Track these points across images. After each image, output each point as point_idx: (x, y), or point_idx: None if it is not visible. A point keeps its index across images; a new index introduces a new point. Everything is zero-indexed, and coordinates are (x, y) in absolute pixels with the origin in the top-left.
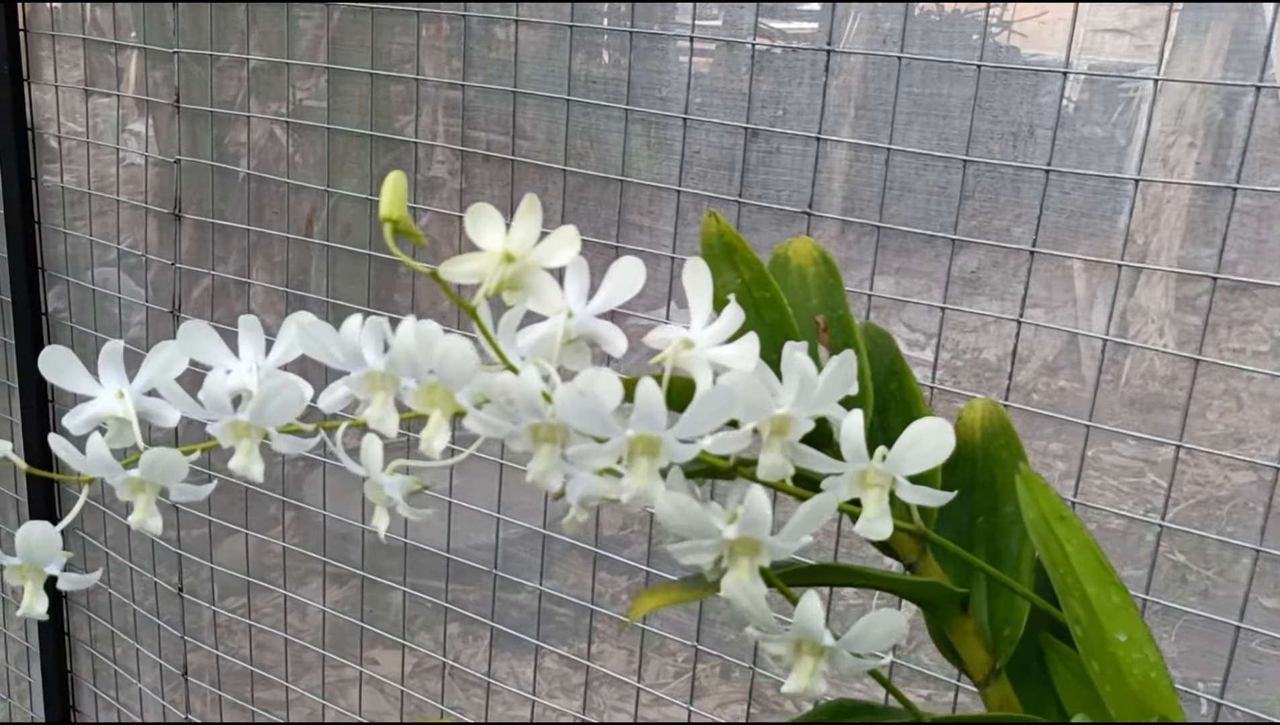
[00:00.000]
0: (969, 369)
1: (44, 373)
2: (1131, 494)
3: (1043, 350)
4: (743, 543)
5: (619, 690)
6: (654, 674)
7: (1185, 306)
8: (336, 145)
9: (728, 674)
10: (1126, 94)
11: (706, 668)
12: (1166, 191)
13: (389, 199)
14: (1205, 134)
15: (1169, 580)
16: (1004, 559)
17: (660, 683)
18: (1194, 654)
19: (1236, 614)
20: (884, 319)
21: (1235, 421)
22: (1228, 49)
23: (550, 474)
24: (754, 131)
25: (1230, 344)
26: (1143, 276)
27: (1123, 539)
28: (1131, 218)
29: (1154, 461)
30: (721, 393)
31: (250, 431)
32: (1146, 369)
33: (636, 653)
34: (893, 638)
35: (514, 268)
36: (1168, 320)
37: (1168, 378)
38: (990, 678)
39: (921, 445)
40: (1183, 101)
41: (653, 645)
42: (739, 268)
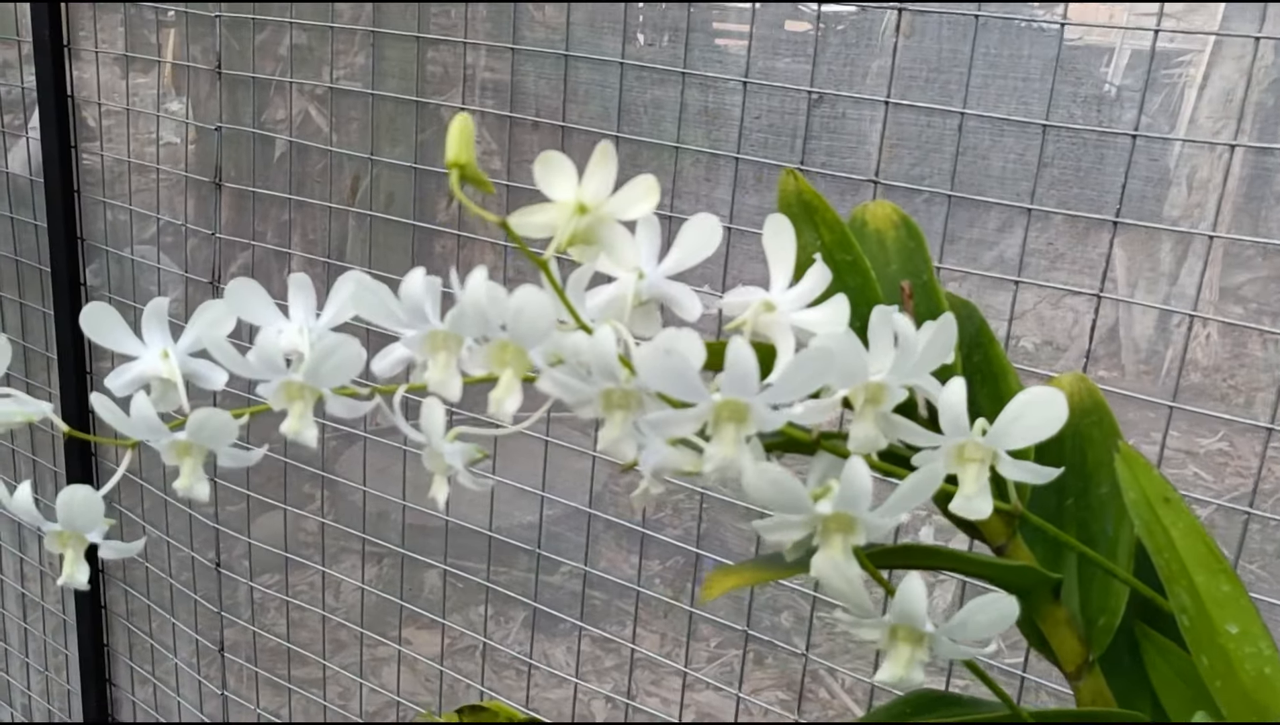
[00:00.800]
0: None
1: (86, 331)
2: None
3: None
4: (837, 519)
5: (652, 673)
6: (685, 659)
7: (1229, 296)
8: (379, 116)
9: (761, 660)
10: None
11: (739, 653)
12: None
13: (456, 143)
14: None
15: None
16: (1098, 543)
17: (693, 666)
18: None
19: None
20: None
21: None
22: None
23: (623, 442)
24: (818, 96)
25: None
26: (1185, 266)
27: None
28: (1221, 192)
29: (1195, 453)
30: (818, 355)
31: (304, 393)
32: (1189, 358)
33: (669, 636)
34: (1002, 624)
35: (587, 220)
36: (1212, 307)
37: (1210, 368)
38: (1083, 670)
39: (1028, 418)
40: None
41: (686, 629)
42: (819, 229)
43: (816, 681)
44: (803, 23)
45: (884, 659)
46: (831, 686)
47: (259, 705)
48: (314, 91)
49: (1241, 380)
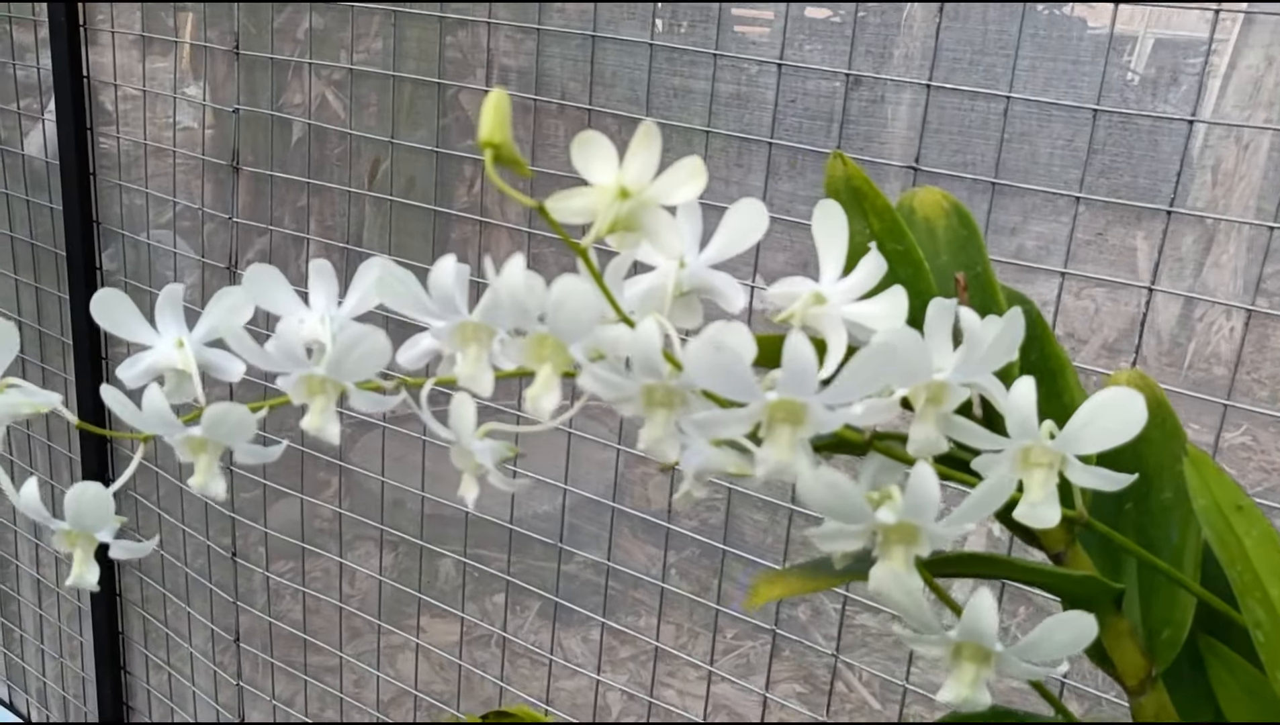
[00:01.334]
0: None
1: (97, 318)
2: None
3: (1103, 331)
4: (899, 529)
5: (668, 664)
6: (703, 649)
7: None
8: (401, 96)
9: (778, 651)
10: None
11: (757, 645)
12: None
13: (491, 120)
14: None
15: None
16: (1160, 551)
17: (709, 659)
18: None
19: None
20: None
21: None
22: None
23: (666, 442)
24: (856, 79)
25: None
26: (1210, 257)
27: None
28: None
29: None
30: (882, 352)
31: (326, 387)
32: (1212, 352)
33: (685, 628)
34: (1079, 644)
35: (629, 205)
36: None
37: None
38: (1145, 685)
39: (1105, 420)
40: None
41: (703, 621)
42: (868, 217)
43: (834, 676)
44: (823, 9)
45: (948, 677)
46: (849, 680)
47: (274, 693)
48: (331, 76)
49: (1266, 373)
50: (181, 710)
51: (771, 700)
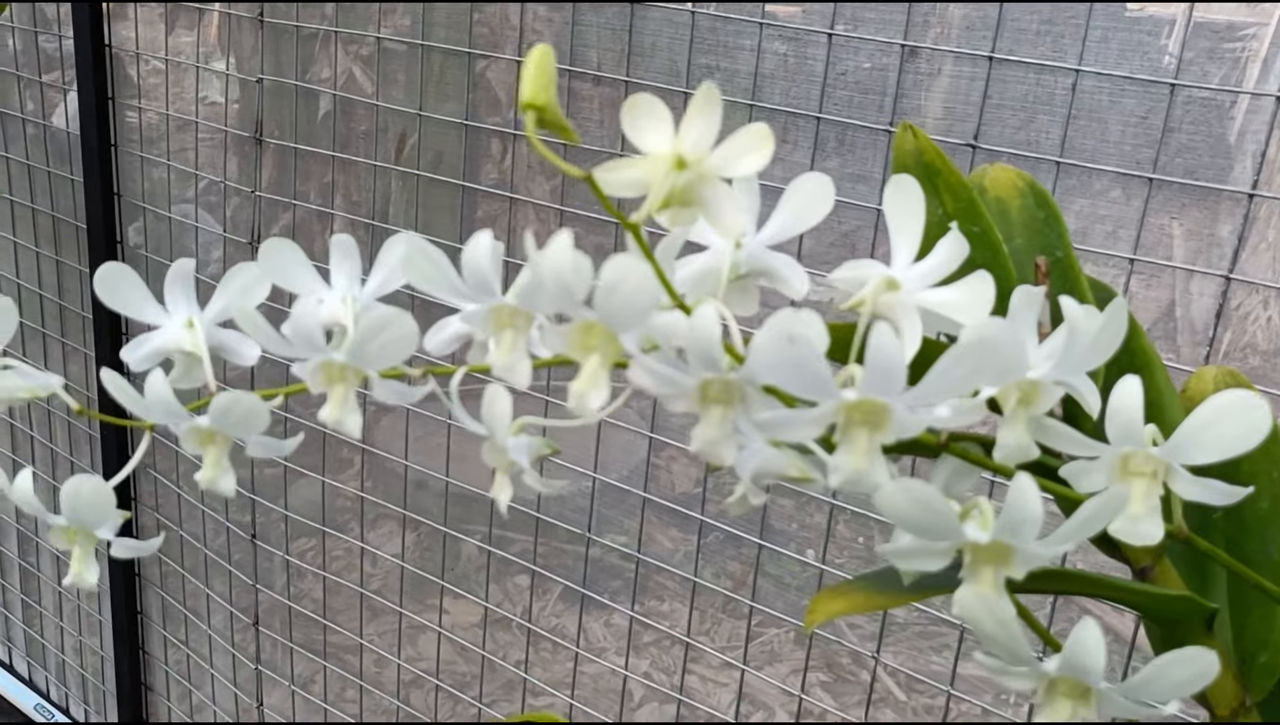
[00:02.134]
0: None
1: (99, 294)
2: None
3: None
4: (991, 548)
5: (691, 650)
6: (726, 636)
7: None
8: (429, 69)
9: (802, 639)
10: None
11: (780, 633)
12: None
13: (535, 79)
14: None
15: None
16: (1256, 566)
17: (732, 645)
18: None
19: None
20: None
21: None
22: None
23: (722, 444)
24: (912, 50)
25: None
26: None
27: None
28: None
29: None
30: (980, 348)
31: (346, 374)
32: (1248, 342)
33: (708, 613)
34: (1199, 684)
35: (686, 176)
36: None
37: (1270, 352)
38: (1239, 713)
39: (1222, 427)
40: None
41: (728, 607)
42: (941, 195)
43: (858, 663)
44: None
45: (1039, 714)
46: (869, 665)
47: (292, 675)
48: (359, 51)
49: None
50: (199, 690)
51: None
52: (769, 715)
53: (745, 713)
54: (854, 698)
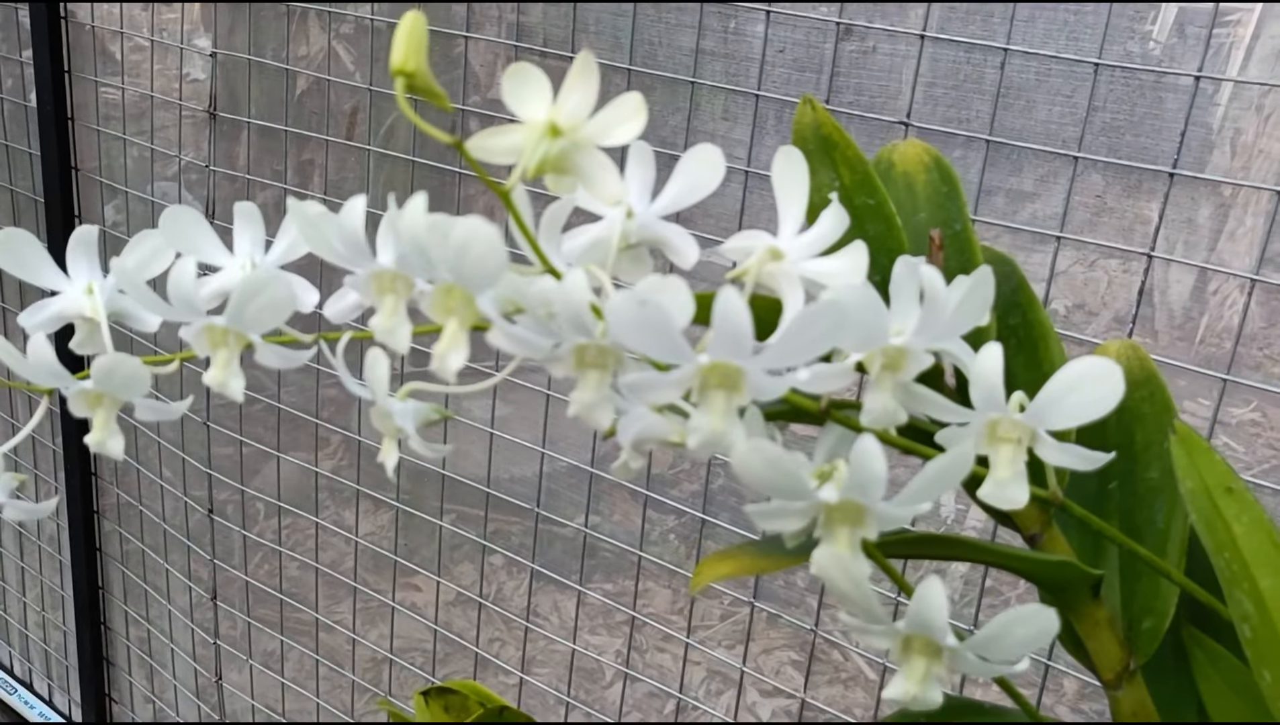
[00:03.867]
0: None
1: (1, 263)
2: None
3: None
4: (844, 508)
5: (662, 630)
6: (699, 615)
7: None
8: (380, 45)
9: (775, 619)
10: (1217, 39)
11: (756, 612)
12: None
13: (405, 45)
14: None
15: None
16: (1145, 536)
17: (705, 624)
18: None
19: None
20: None
21: None
22: None
23: (598, 408)
24: (847, 28)
25: None
26: (1225, 231)
27: None
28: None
29: (1226, 423)
30: (829, 311)
31: (229, 338)
32: (1225, 326)
33: (682, 592)
34: (1040, 641)
35: (561, 144)
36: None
37: (1247, 337)
38: (1123, 678)
39: (1080, 393)
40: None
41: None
42: (838, 167)
43: (830, 644)
44: None
45: (897, 672)
46: (845, 649)
47: (251, 652)
48: (339, 30)
49: (1277, 349)
50: (160, 667)
51: (765, 670)
52: (740, 693)
53: (716, 690)
54: (825, 676)
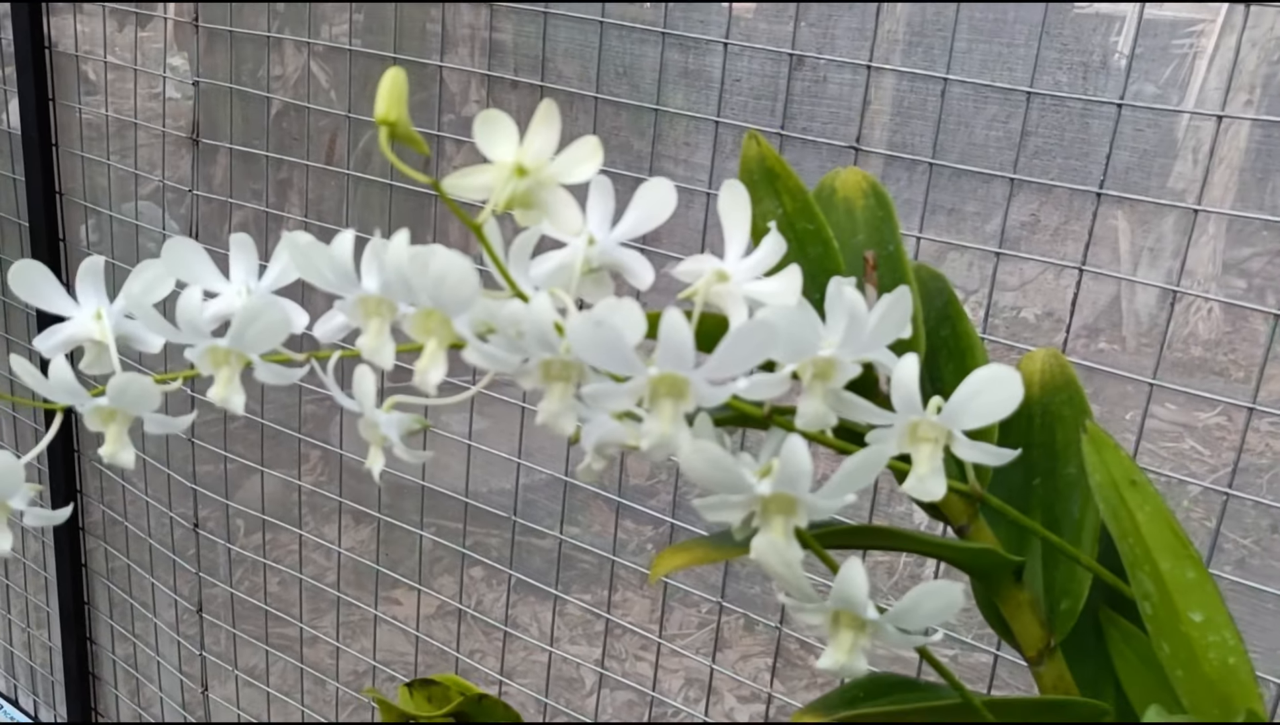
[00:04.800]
0: (1007, 328)
1: (15, 288)
2: (1170, 459)
3: (1082, 311)
4: (777, 500)
5: (640, 639)
6: (677, 624)
7: (1232, 270)
8: (359, 69)
9: (751, 626)
10: (1180, 49)
11: (730, 619)
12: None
13: (387, 98)
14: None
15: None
16: (1063, 526)
17: (683, 633)
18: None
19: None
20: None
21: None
22: None
23: (563, 416)
24: (799, 59)
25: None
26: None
27: None
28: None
29: (1193, 426)
30: (760, 328)
31: (230, 358)
32: (1190, 332)
33: (659, 602)
34: (947, 613)
35: (527, 182)
36: (1214, 283)
37: (1211, 342)
38: (1044, 654)
39: (986, 396)
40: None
41: (676, 595)
42: (780, 196)
43: (805, 649)
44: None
45: (827, 645)
46: (819, 652)
47: (237, 663)
48: (300, 39)
49: (1242, 354)
50: (147, 680)
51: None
52: (718, 700)
53: (695, 697)
54: (801, 682)
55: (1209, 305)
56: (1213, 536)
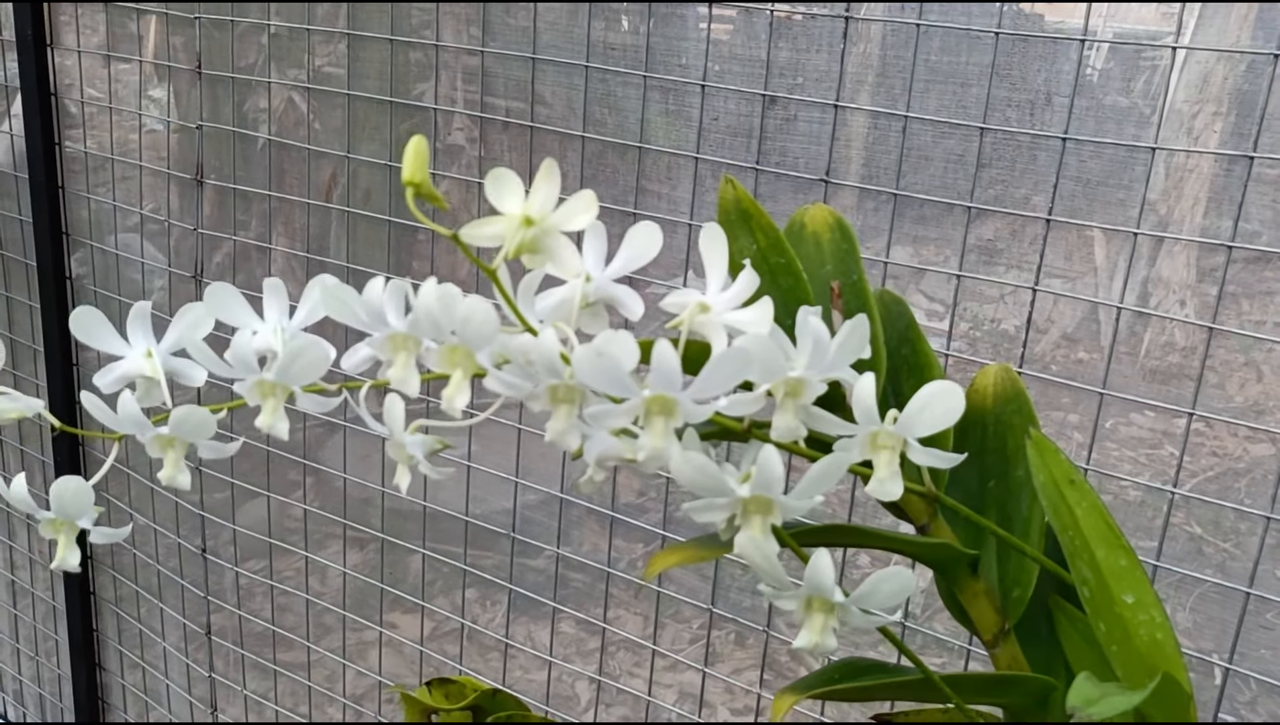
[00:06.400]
0: (988, 339)
1: (75, 333)
2: (1149, 465)
3: (1062, 321)
4: (756, 501)
5: (635, 655)
6: (669, 640)
7: (1207, 278)
8: (356, 111)
9: (743, 640)
10: (1150, 62)
11: (721, 634)
12: (1189, 161)
13: (411, 163)
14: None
15: (1185, 552)
16: (1014, 522)
17: (676, 648)
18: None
19: (1251, 584)
20: (903, 288)
21: (1255, 393)
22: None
23: (568, 434)
24: (771, 99)
25: (1252, 316)
26: (1164, 247)
27: (1140, 510)
28: (1148, 187)
29: (1172, 433)
30: (736, 354)
31: (276, 390)
32: (1166, 340)
33: (652, 618)
34: (902, 594)
35: (533, 231)
36: (1189, 291)
37: (1187, 349)
38: (999, 638)
39: (932, 408)
40: (1208, 71)
41: (669, 612)
42: (755, 234)
43: (796, 660)
44: (783, 6)
45: (801, 627)
46: (810, 664)
47: (245, 687)
48: (295, 84)
49: (1218, 361)
50: (156, 703)
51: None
52: (711, 714)
53: (690, 710)
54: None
55: (1185, 312)
56: (1160, 533)
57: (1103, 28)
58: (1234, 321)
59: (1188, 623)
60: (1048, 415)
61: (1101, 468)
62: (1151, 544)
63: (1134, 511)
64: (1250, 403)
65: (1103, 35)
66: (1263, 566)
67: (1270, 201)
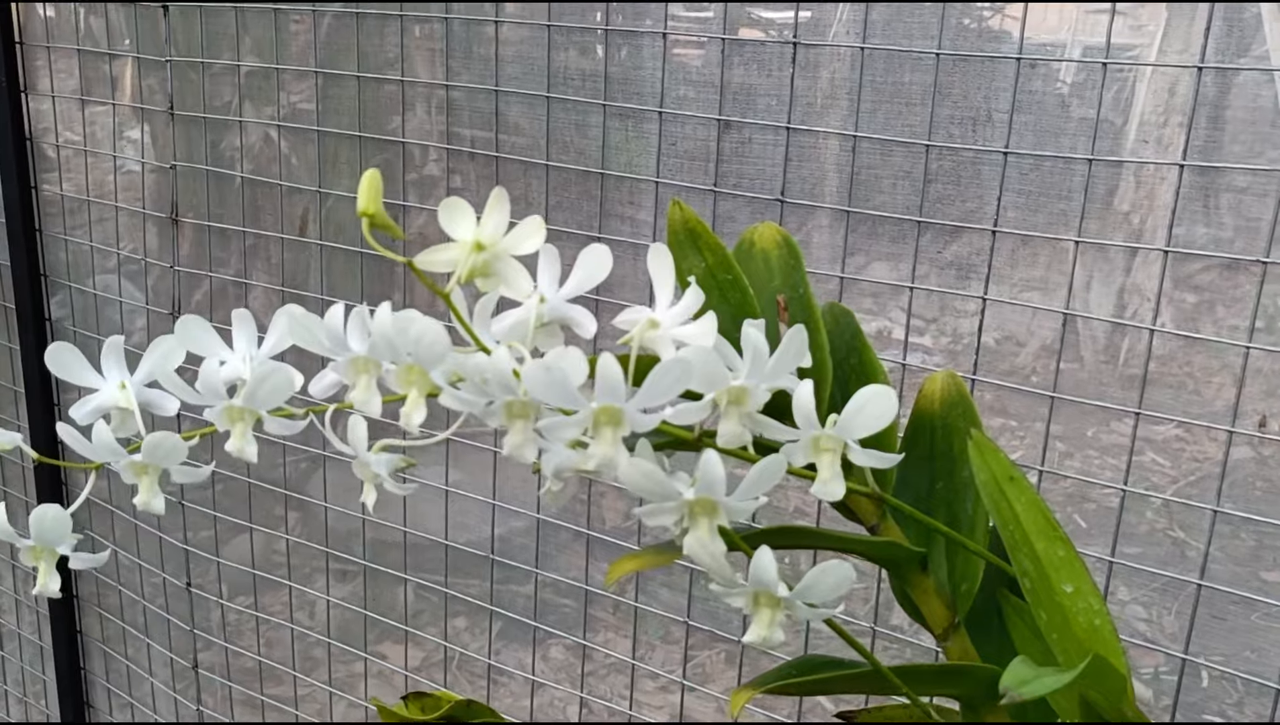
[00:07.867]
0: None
1: (51, 368)
2: (1132, 473)
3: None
4: (701, 503)
5: (624, 677)
6: (659, 662)
7: (1184, 285)
8: (328, 147)
9: (732, 660)
10: (1121, 74)
11: (711, 654)
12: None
13: (365, 195)
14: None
15: (1169, 556)
16: (961, 520)
17: (667, 670)
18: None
19: (1239, 589)
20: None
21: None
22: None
23: (525, 447)
24: (726, 123)
25: (1229, 321)
26: (1139, 256)
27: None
28: (1087, 197)
29: (1153, 439)
30: (677, 364)
31: (244, 415)
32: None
33: (643, 640)
34: (842, 587)
35: (484, 256)
36: (1165, 299)
37: (1165, 356)
38: (950, 631)
39: (868, 410)
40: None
41: (659, 633)
42: (703, 252)
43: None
44: (755, 30)
45: (750, 622)
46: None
47: (234, 721)
48: (269, 122)
49: (1197, 367)
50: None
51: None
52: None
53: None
54: (783, 712)
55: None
56: (1114, 530)
57: (1071, 40)
58: (1210, 328)
59: (1174, 627)
60: (1031, 426)
61: (1086, 475)
62: (1135, 549)
63: (1113, 517)
64: (1228, 407)
65: (1071, 49)
66: (1248, 568)
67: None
